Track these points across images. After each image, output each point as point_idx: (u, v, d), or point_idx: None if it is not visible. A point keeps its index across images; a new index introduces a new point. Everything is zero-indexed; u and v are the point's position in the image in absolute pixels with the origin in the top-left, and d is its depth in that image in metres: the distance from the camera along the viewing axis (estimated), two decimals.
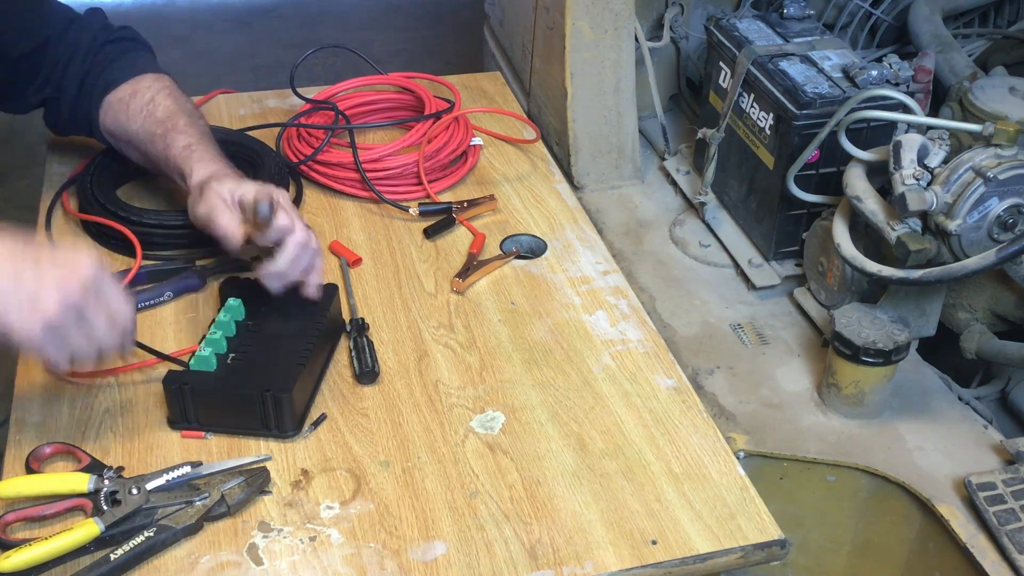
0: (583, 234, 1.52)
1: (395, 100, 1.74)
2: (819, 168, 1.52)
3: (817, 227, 1.52)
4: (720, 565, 1.05)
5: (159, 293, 1.33)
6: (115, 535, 1.02)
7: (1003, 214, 1.31)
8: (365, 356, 1.25)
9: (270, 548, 1.04)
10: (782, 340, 1.51)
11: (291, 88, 1.70)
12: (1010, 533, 1.17)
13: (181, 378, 1.15)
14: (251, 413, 1.14)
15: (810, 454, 1.33)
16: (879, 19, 2.03)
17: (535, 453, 1.15)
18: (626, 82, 1.80)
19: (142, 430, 1.16)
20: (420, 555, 1.03)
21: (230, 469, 1.10)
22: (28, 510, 1.05)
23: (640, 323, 1.35)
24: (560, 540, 1.05)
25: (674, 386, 1.25)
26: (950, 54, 1.79)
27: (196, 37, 3.89)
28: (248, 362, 1.18)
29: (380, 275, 1.41)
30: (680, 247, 1.72)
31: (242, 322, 1.25)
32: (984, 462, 1.30)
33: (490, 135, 1.73)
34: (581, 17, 1.73)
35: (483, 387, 1.24)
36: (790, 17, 1.68)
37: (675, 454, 1.15)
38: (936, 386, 1.44)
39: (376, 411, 1.20)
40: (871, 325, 1.32)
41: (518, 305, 1.37)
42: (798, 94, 1.49)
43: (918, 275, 1.31)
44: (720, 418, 1.37)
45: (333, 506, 1.08)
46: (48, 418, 1.18)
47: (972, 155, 1.32)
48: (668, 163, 1.88)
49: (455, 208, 1.52)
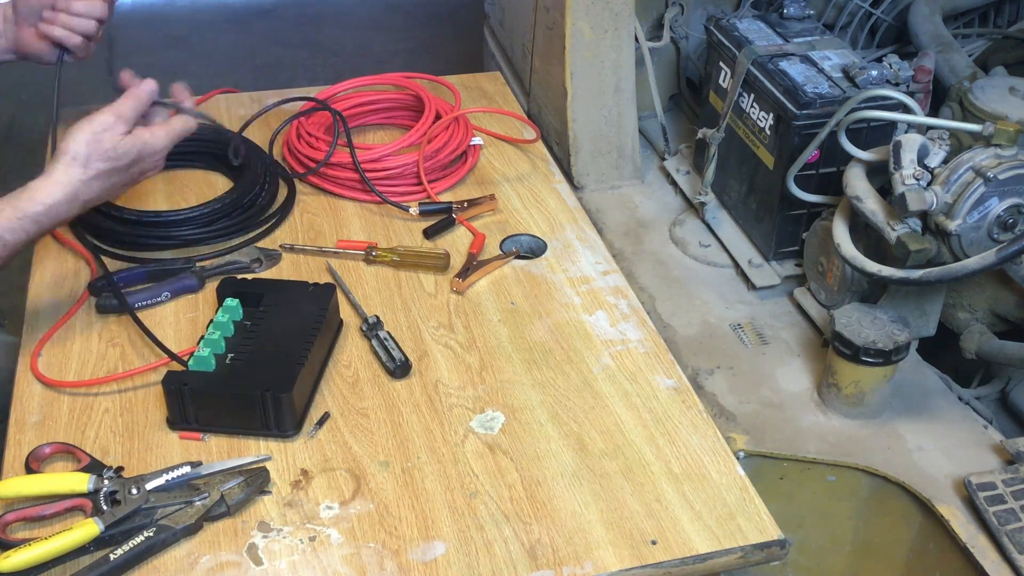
0: (583, 234, 1.52)
1: (395, 100, 1.74)
2: (819, 168, 1.52)
3: (817, 227, 1.52)
4: (720, 565, 1.05)
5: (156, 293, 1.33)
6: (115, 535, 1.02)
7: (1003, 214, 1.31)
8: (394, 351, 1.25)
9: (270, 548, 1.04)
10: (782, 340, 1.51)
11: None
12: (1010, 533, 1.17)
13: (180, 378, 1.15)
14: (251, 413, 1.14)
15: (810, 454, 1.33)
16: (879, 19, 2.03)
17: (535, 453, 1.15)
18: (626, 82, 1.80)
19: (142, 430, 1.16)
20: (420, 555, 1.03)
21: (230, 469, 1.10)
22: (28, 510, 1.05)
23: (640, 323, 1.35)
24: (560, 540, 1.05)
25: (674, 386, 1.25)
26: (950, 54, 1.79)
27: (196, 37, 3.89)
28: (247, 362, 1.18)
29: (380, 275, 1.41)
30: (680, 247, 1.72)
31: (240, 322, 1.25)
32: (984, 462, 1.30)
33: (490, 135, 1.73)
34: (581, 17, 1.73)
35: (483, 387, 1.24)
36: (790, 17, 1.68)
37: (675, 454, 1.15)
38: (936, 386, 1.43)
39: (376, 411, 1.20)
40: (871, 325, 1.32)
41: (518, 305, 1.37)
42: (798, 94, 1.49)
43: (918, 275, 1.31)
44: (720, 418, 1.37)
45: (333, 506, 1.08)
46: (48, 418, 1.18)
47: (972, 155, 1.32)
48: (668, 163, 1.88)
49: (455, 208, 1.52)
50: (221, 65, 3.67)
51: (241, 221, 1.48)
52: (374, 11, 4.19)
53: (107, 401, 1.20)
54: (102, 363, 1.25)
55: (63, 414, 1.18)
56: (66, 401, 1.20)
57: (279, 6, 4.20)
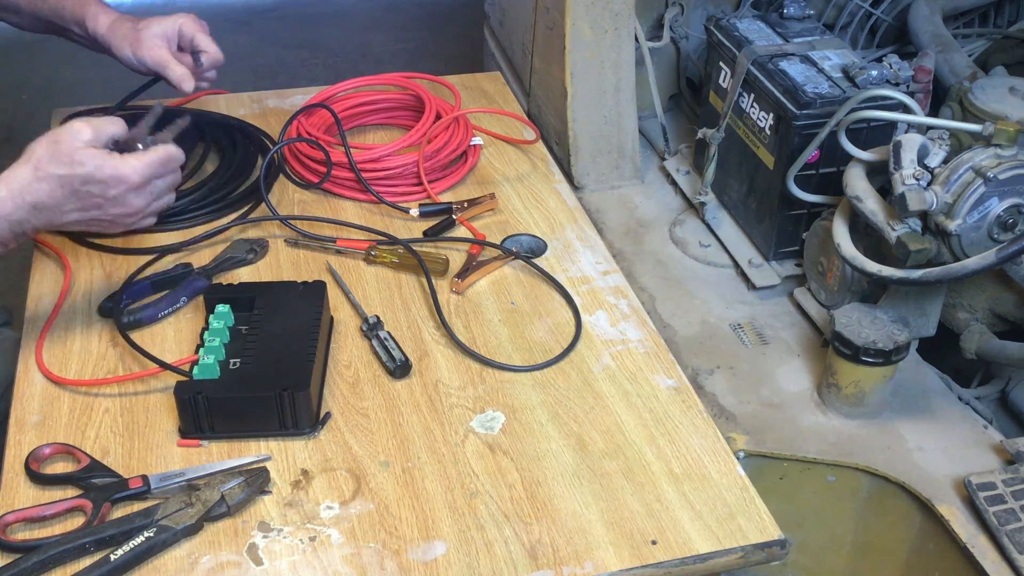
0: (583, 234, 1.52)
1: (395, 100, 1.74)
2: (819, 168, 1.52)
3: (817, 227, 1.52)
4: (720, 565, 1.05)
5: (175, 300, 1.32)
6: (115, 535, 1.02)
7: (1003, 214, 1.31)
8: (394, 351, 1.25)
9: (270, 548, 1.04)
10: (782, 340, 1.51)
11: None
12: (1010, 533, 1.17)
13: (194, 387, 1.14)
14: (268, 415, 1.14)
15: (810, 454, 1.33)
16: (879, 19, 2.03)
17: (535, 453, 1.15)
18: (626, 82, 1.80)
19: (142, 430, 1.16)
20: (420, 555, 1.03)
21: (230, 469, 1.10)
22: (28, 510, 1.05)
23: (640, 323, 1.35)
24: (560, 540, 1.05)
25: (674, 386, 1.25)
26: (950, 54, 1.79)
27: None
28: (255, 365, 1.17)
29: (380, 275, 1.41)
30: (680, 247, 1.72)
31: (234, 328, 1.24)
32: (984, 462, 1.30)
33: (490, 135, 1.73)
34: (581, 17, 1.73)
35: (483, 387, 1.24)
36: (790, 17, 1.68)
37: (675, 454, 1.15)
38: (936, 386, 1.44)
39: (376, 411, 1.20)
40: (871, 325, 1.32)
41: (518, 305, 1.37)
42: (798, 94, 1.49)
43: (918, 275, 1.31)
44: (720, 418, 1.37)
45: (333, 506, 1.08)
46: (48, 418, 1.18)
47: (972, 155, 1.32)
48: (668, 163, 1.88)
49: (455, 208, 1.52)
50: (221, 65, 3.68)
51: (216, 200, 1.50)
52: (374, 11, 4.19)
53: (107, 401, 1.20)
54: (102, 363, 1.25)
55: (63, 414, 1.18)
56: (66, 401, 1.20)
57: (279, 6, 4.20)
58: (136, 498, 1.07)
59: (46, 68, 3.58)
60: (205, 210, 1.49)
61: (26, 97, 3.36)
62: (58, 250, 1.41)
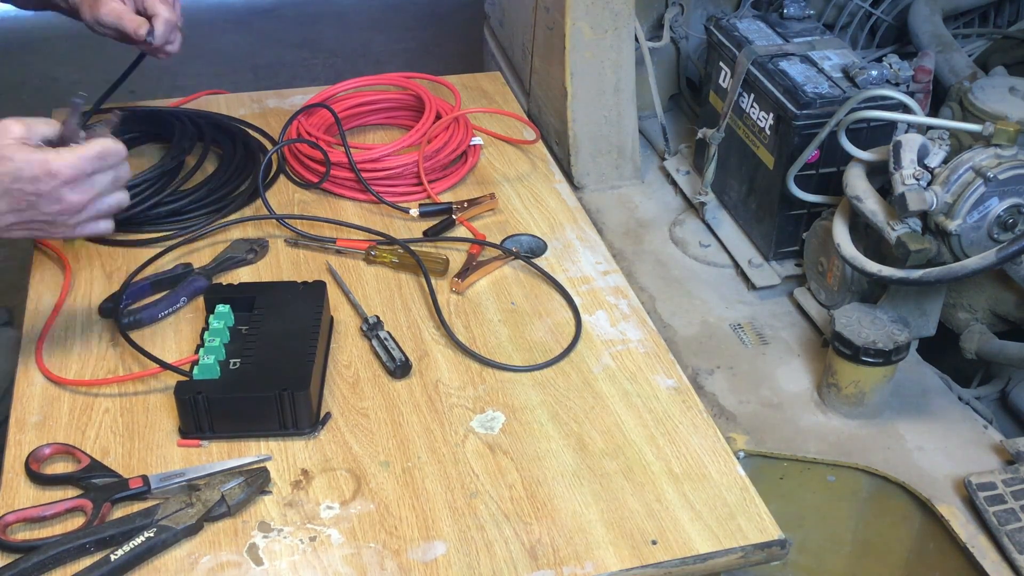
0: (583, 234, 1.52)
1: (395, 100, 1.74)
2: (819, 168, 1.52)
3: (817, 227, 1.52)
4: (720, 565, 1.05)
5: (175, 300, 1.32)
6: (115, 535, 1.02)
7: (1003, 214, 1.31)
8: (394, 351, 1.25)
9: (270, 548, 1.04)
10: (782, 340, 1.51)
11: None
12: (1010, 533, 1.17)
13: (194, 388, 1.14)
14: (268, 415, 1.14)
15: (810, 454, 1.33)
16: (879, 19, 2.03)
17: (535, 453, 1.15)
18: (626, 82, 1.80)
19: (142, 430, 1.16)
20: (420, 555, 1.03)
21: (230, 469, 1.10)
22: (28, 511, 1.05)
23: (640, 323, 1.35)
24: (560, 540, 1.05)
25: (674, 386, 1.25)
26: (950, 54, 1.79)
27: (196, 37, 3.88)
28: (255, 365, 1.17)
29: (380, 275, 1.41)
30: (680, 247, 1.72)
31: (234, 328, 1.25)
32: (984, 462, 1.30)
33: (490, 135, 1.73)
34: (581, 17, 1.73)
35: (483, 387, 1.24)
36: (790, 17, 1.68)
37: (675, 454, 1.15)
38: (936, 386, 1.44)
39: (376, 411, 1.20)
40: (871, 325, 1.32)
41: (518, 305, 1.37)
42: (798, 94, 1.49)
43: (918, 275, 1.31)
44: (720, 418, 1.37)
45: (333, 506, 1.08)
46: (48, 418, 1.18)
47: (972, 155, 1.32)
48: (668, 163, 1.88)
49: (455, 208, 1.52)
50: (221, 65, 3.68)
51: (216, 199, 1.50)
52: (374, 11, 4.19)
53: (107, 401, 1.20)
54: (102, 363, 1.25)
55: (63, 414, 1.18)
56: (66, 401, 1.20)
57: (279, 6, 4.20)
58: (136, 498, 1.08)
59: (46, 68, 3.58)
60: (205, 210, 1.50)
61: (26, 97, 3.36)
62: (58, 250, 1.41)
